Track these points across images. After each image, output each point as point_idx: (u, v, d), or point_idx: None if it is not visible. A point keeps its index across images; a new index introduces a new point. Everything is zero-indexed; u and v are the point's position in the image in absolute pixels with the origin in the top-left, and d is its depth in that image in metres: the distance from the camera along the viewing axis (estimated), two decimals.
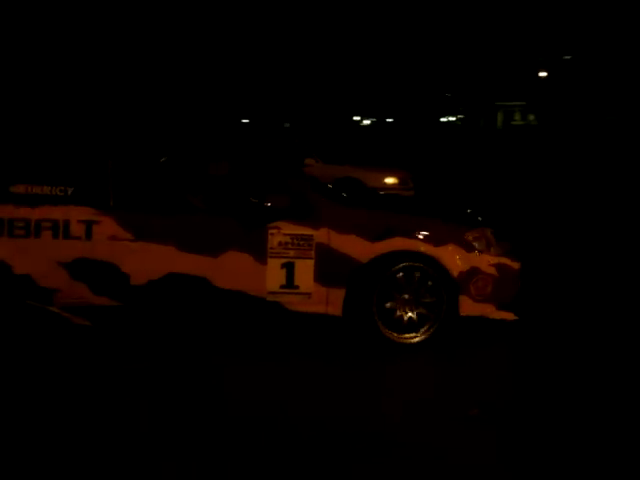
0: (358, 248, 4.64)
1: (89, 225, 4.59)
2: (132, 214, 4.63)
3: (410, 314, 4.68)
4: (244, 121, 27.90)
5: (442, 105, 51.59)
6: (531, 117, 48.19)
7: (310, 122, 39.28)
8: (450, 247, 4.71)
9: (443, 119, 53.34)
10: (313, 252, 4.66)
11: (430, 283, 4.67)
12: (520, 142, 32.67)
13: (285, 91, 45.68)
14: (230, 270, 4.64)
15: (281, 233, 4.66)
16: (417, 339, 4.68)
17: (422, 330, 4.67)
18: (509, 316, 4.83)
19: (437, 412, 3.83)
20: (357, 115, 58.25)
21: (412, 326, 4.68)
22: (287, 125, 34.25)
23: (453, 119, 53.47)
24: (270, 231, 4.65)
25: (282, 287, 4.66)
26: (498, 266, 4.79)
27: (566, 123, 39.01)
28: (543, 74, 43.12)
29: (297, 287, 4.67)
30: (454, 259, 4.70)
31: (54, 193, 4.62)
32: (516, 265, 4.88)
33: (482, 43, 43.24)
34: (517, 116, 49.91)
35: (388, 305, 4.64)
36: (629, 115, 36.93)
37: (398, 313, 4.66)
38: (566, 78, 41.18)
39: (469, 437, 3.55)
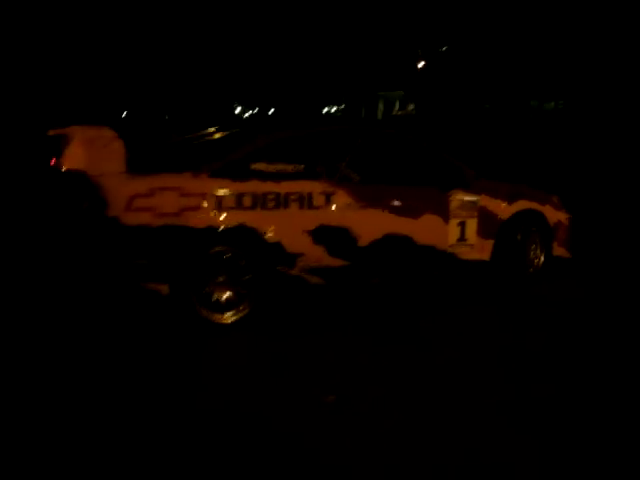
0: (502, 208, 6.34)
1: (328, 196, 5.38)
2: (358, 186, 5.57)
3: (539, 252, 6.66)
4: None
5: (325, 95, 51.88)
6: (410, 107, 49.28)
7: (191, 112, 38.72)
8: (547, 206, 6.69)
9: (325, 109, 53.64)
10: (477, 212, 6.16)
11: (538, 229, 6.59)
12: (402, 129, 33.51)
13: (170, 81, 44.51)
14: (426, 229, 5.88)
15: (457, 199, 6.07)
16: (531, 269, 6.66)
17: (536, 262, 6.67)
18: (569, 255, 6.92)
19: (293, 397, 3.79)
20: (239, 105, 57.70)
21: (534, 261, 6.69)
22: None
23: (335, 109, 53.88)
24: (450, 198, 6.02)
25: (458, 240, 6.10)
26: (569, 219, 6.89)
27: (444, 111, 40.23)
28: (421, 65, 44.15)
29: (466, 240, 6.13)
30: (551, 214, 6.69)
31: (290, 170, 5.33)
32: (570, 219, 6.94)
33: (363, 35, 43.79)
34: (397, 106, 50.94)
35: (528, 246, 6.57)
36: (504, 103, 38.57)
37: (532, 254, 6.63)
38: (443, 68, 42.41)
39: (324, 425, 3.48)
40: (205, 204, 4.93)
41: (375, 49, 44.85)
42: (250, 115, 57.64)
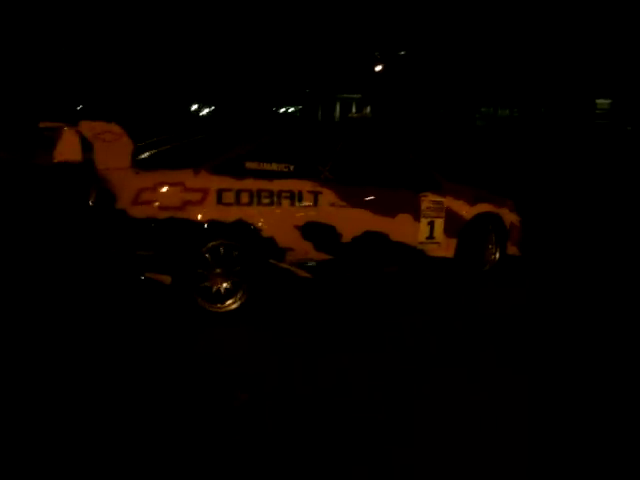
0: (465, 210, 6.82)
1: (316, 195, 5.73)
2: (342, 186, 5.92)
3: (494, 250, 7.18)
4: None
5: (283, 96, 52.09)
6: (366, 110, 49.83)
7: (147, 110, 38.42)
8: (504, 209, 7.22)
9: (282, 109, 53.85)
10: (443, 213, 6.62)
11: (495, 229, 7.12)
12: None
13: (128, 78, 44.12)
14: (400, 227, 6.32)
15: (427, 200, 6.52)
16: (488, 266, 7.17)
17: (492, 259, 7.21)
18: (520, 254, 7.43)
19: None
20: (195, 103, 57.47)
21: (491, 258, 7.19)
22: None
23: (292, 109, 54.15)
24: (422, 199, 6.47)
25: (427, 238, 6.55)
26: (520, 222, 7.40)
27: (400, 115, 40.83)
28: (379, 68, 44.67)
29: (434, 238, 6.60)
30: (507, 216, 7.22)
31: (281, 169, 5.65)
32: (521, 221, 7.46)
33: (323, 38, 44.09)
34: (354, 108, 51.39)
35: (486, 245, 7.11)
36: (459, 108, 39.31)
37: (490, 251, 7.16)
38: (401, 72, 42.99)
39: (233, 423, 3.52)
40: (206, 199, 5.19)
41: (333, 52, 45.27)
42: (208, 113, 57.48)
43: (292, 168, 5.73)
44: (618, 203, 13.34)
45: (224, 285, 5.30)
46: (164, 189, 5.01)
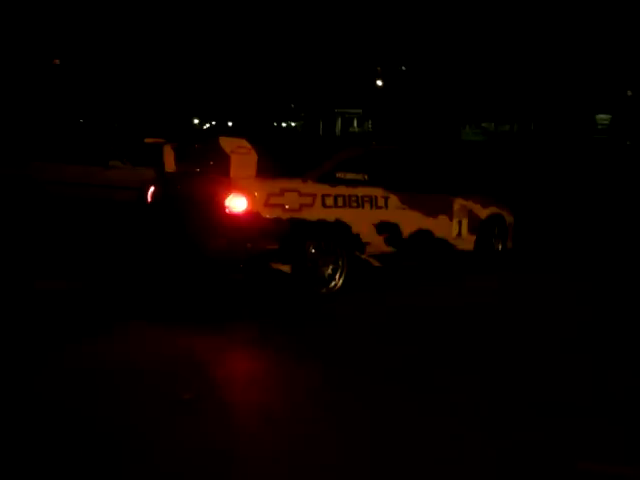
0: (481, 212, 8.31)
1: (386, 199, 7.07)
2: (402, 192, 7.25)
3: (497, 243, 8.60)
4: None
5: (285, 111, 53.13)
6: (367, 125, 50.96)
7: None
8: (504, 211, 8.70)
9: (284, 124, 54.87)
10: (467, 214, 8.09)
11: (498, 227, 8.56)
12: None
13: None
14: (440, 226, 7.75)
15: (457, 203, 8.01)
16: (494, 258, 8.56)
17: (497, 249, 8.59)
18: (511, 246, 8.77)
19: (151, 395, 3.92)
20: (196, 118, 58.42)
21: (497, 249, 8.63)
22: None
23: (294, 124, 55.22)
24: (454, 203, 7.96)
25: (457, 235, 8.00)
26: (513, 221, 8.83)
27: (399, 129, 41.92)
28: (380, 83, 45.74)
29: (461, 234, 8.04)
30: (507, 216, 8.73)
31: (359, 178, 6.96)
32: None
33: (324, 53, 45.06)
34: (355, 123, 52.52)
35: (494, 240, 8.54)
36: (458, 124, 40.47)
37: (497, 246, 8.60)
38: (401, 88, 44.10)
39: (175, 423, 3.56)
40: (315, 202, 6.33)
41: (334, 67, 46.39)
42: (209, 127, 58.51)
43: (366, 177, 7.05)
44: (612, 210, 14.53)
45: (327, 271, 6.46)
46: (287, 194, 6.14)
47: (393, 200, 7.14)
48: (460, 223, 8.01)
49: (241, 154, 6.03)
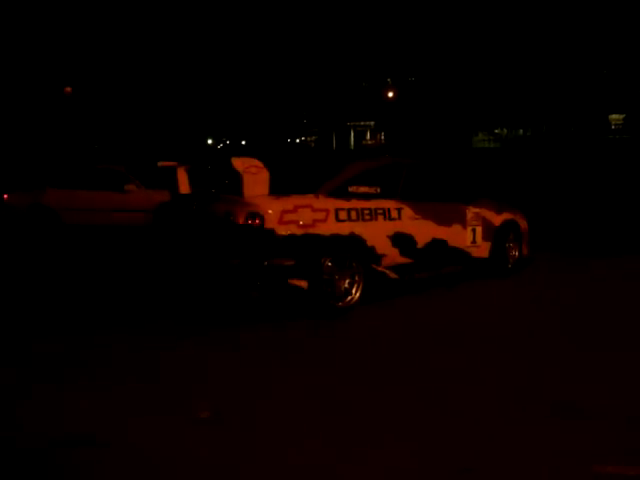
0: (494, 219, 8.32)
1: (399, 210, 7.08)
2: (415, 202, 7.27)
3: (513, 250, 8.63)
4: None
5: (298, 126, 53.42)
6: (379, 137, 51.13)
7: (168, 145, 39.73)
8: (518, 215, 8.74)
9: (298, 140, 55.14)
10: (481, 221, 8.10)
11: (514, 233, 8.58)
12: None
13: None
14: (454, 234, 7.74)
15: (471, 211, 8.02)
16: (510, 265, 8.59)
17: (513, 257, 8.63)
18: (528, 252, 8.84)
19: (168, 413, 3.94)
20: (210, 138, 58.91)
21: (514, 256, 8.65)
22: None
23: (308, 139, 55.51)
24: (467, 211, 7.96)
25: (471, 243, 7.99)
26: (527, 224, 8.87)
27: (412, 140, 42.02)
28: (391, 95, 45.88)
29: (475, 242, 8.04)
30: (522, 222, 8.76)
31: (371, 192, 6.96)
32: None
33: (335, 67, 45.35)
34: (368, 135, 52.70)
35: (509, 246, 8.54)
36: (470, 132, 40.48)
37: (511, 251, 8.59)
38: (412, 98, 44.24)
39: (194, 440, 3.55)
40: (328, 217, 6.37)
41: (345, 80, 46.69)
42: (222, 147, 58.96)
43: (379, 190, 7.06)
44: (625, 210, 14.55)
45: (344, 285, 6.49)
46: (300, 210, 6.19)
47: (406, 211, 7.14)
48: (474, 231, 8.00)
49: (253, 173, 6.10)
